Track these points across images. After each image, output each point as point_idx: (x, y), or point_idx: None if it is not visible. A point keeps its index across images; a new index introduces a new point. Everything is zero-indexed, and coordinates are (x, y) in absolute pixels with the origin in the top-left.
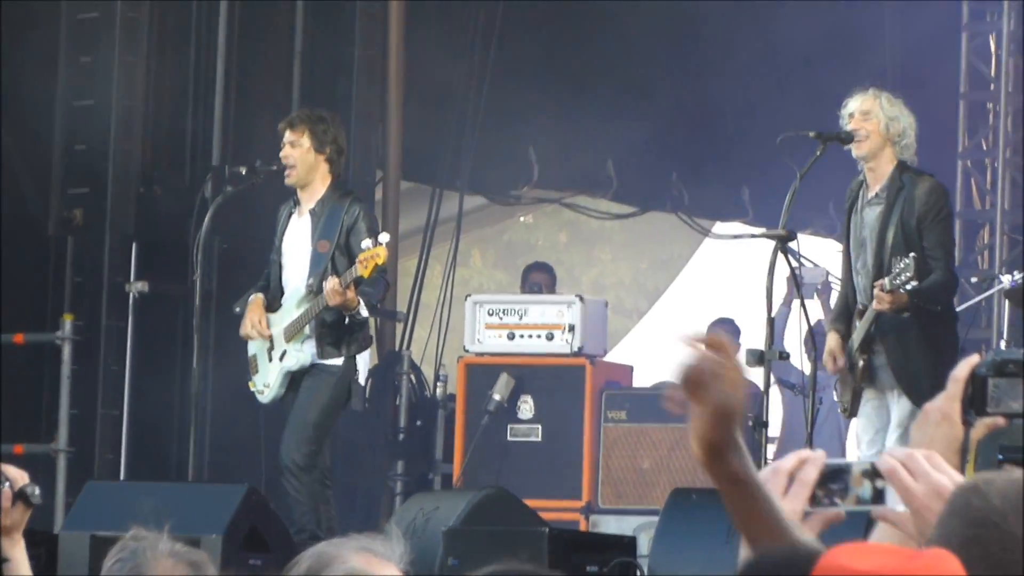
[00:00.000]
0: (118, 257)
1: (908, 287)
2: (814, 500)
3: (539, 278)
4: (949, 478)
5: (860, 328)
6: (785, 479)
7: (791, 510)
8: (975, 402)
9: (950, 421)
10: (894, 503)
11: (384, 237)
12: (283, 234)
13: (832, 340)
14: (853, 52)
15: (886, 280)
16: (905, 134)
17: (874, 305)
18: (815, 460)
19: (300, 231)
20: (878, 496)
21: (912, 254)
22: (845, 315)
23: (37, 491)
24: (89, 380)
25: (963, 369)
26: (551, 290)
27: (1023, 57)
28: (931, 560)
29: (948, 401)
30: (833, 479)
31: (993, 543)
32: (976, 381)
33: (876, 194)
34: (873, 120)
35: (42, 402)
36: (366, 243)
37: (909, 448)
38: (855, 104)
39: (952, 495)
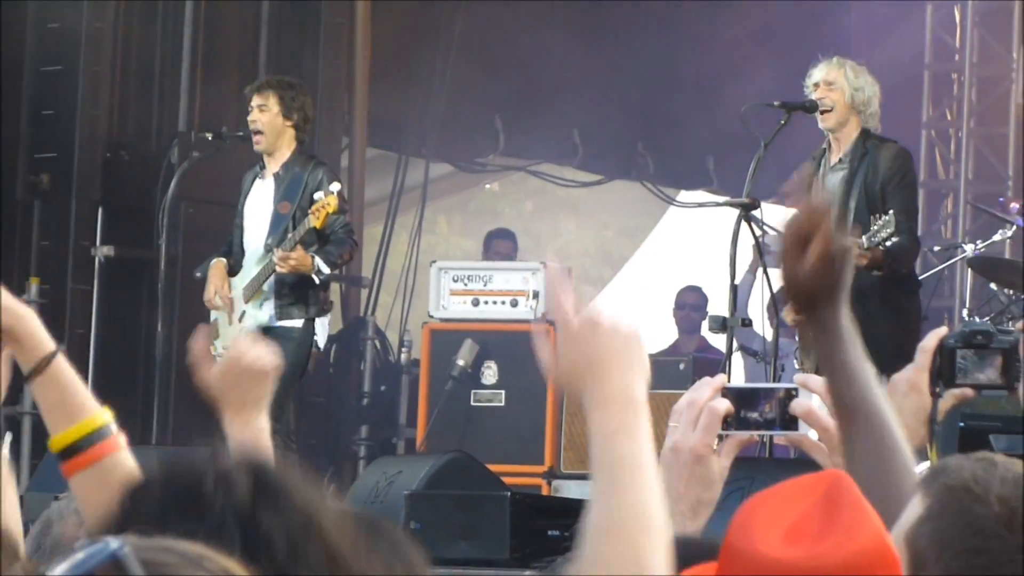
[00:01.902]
0: (84, 222)
1: (887, 244)
2: (729, 424)
3: (502, 246)
4: None
5: None
6: (698, 411)
7: (702, 442)
8: (943, 373)
9: (918, 392)
10: (807, 428)
11: (335, 186)
12: (246, 198)
13: None
14: (818, 21)
15: (863, 239)
16: (870, 103)
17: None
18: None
19: (263, 194)
20: (792, 422)
21: (891, 211)
22: None
23: (8, 439)
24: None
25: (931, 340)
26: (513, 257)
27: (987, 28)
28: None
29: (916, 372)
30: (748, 405)
31: (1000, 555)
32: (944, 352)
33: (840, 159)
34: (838, 90)
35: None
36: (318, 195)
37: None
38: (820, 73)
39: (942, 493)
